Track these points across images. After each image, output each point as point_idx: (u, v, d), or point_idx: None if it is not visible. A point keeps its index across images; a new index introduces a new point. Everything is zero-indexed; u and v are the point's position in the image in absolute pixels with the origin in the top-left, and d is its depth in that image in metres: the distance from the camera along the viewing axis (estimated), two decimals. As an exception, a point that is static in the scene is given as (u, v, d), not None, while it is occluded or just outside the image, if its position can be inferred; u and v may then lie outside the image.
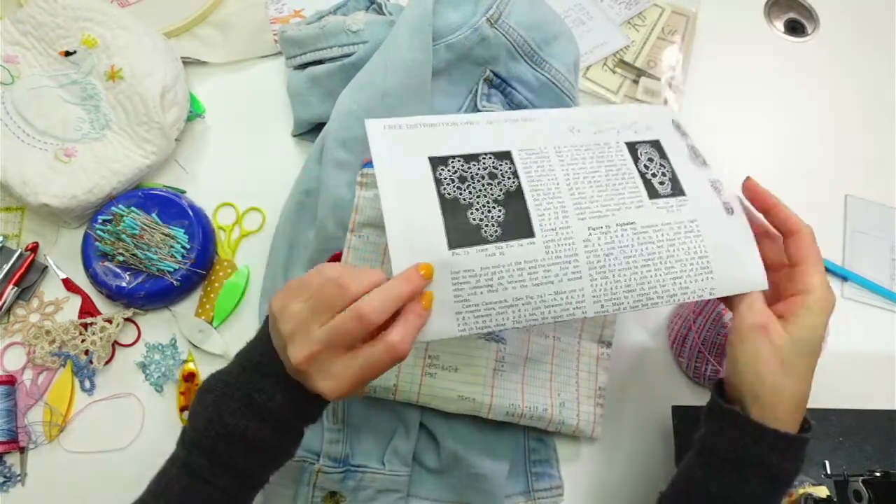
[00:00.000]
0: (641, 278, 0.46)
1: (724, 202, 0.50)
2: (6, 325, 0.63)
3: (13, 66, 0.67)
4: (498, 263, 0.44)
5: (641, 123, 0.51)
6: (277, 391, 0.43)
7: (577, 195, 0.47)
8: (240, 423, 0.42)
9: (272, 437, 0.43)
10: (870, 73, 0.89)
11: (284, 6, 0.80)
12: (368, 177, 0.59)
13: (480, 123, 0.50)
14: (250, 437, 0.43)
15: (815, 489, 0.57)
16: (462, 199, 0.46)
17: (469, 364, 0.58)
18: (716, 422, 0.46)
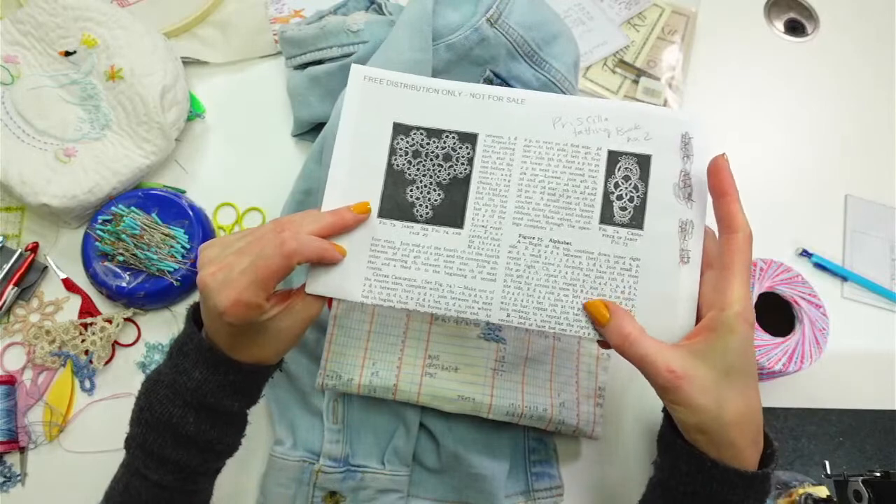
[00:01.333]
0: (556, 300, 0.44)
1: (684, 249, 0.45)
2: (6, 325, 0.63)
3: (13, 66, 0.67)
4: (419, 243, 0.45)
5: (642, 130, 0.46)
6: (196, 368, 0.42)
7: (524, 198, 0.45)
8: (165, 411, 0.41)
9: (196, 424, 0.42)
10: (870, 72, 0.89)
11: (284, 6, 0.80)
12: None
13: (462, 95, 0.47)
14: (174, 425, 0.41)
15: (814, 489, 0.57)
16: (408, 174, 0.47)
17: (469, 364, 0.58)
18: (670, 454, 0.43)
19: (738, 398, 0.39)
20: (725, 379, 0.39)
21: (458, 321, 0.58)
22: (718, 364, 0.39)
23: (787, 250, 0.77)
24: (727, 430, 0.39)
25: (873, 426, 0.64)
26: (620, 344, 0.41)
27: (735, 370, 0.39)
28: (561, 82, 0.67)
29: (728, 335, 0.39)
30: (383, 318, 0.58)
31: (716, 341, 0.39)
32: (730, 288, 0.40)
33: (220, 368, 0.42)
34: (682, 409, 0.39)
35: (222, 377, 0.42)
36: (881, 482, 0.52)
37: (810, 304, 0.62)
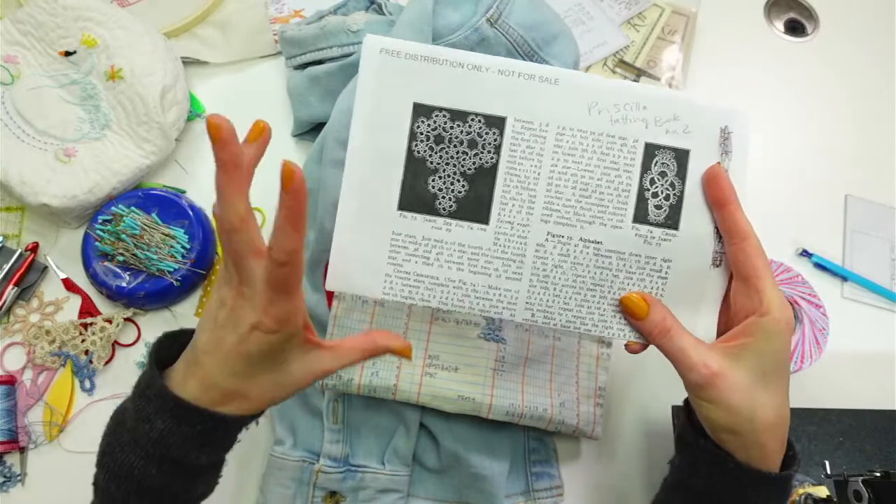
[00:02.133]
0: (582, 300, 0.43)
1: (717, 251, 0.44)
2: (6, 325, 0.63)
3: (13, 65, 0.67)
4: (441, 238, 0.43)
5: (681, 122, 0.42)
6: (158, 417, 0.37)
7: (554, 193, 0.43)
8: (126, 460, 0.37)
9: (160, 477, 0.37)
10: (870, 72, 0.89)
11: (284, 6, 0.80)
12: None
13: (490, 71, 0.43)
14: (136, 477, 0.37)
15: (814, 489, 0.57)
16: (430, 162, 0.43)
17: (469, 364, 0.58)
18: (691, 453, 0.43)
19: (772, 402, 0.39)
20: (762, 382, 0.39)
21: (458, 321, 0.58)
22: (756, 367, 0.39)
23: (787, 250, 0.77)
24: (759, 433, 0.39)
25: (873, 426, 0.64)
26: (660, 336, 0.41)
27: (771, 374, 0.39)
28: (561, 82, 0.67)
29: (767, 339, 0.39)
30: (383, 319, 0.58)
31: (754, 345, 0.39)
32: (764, 294, 0.40)
33: (186, 419, 0.37)
34: (714, 407, 0.39)
35: (189, 429, 0.37)
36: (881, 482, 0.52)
37: (810, 304, 0.62)
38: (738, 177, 0.44)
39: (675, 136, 0.43)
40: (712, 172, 0.43)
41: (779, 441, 0.40)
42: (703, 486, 0.41)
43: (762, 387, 0.39)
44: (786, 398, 0.40)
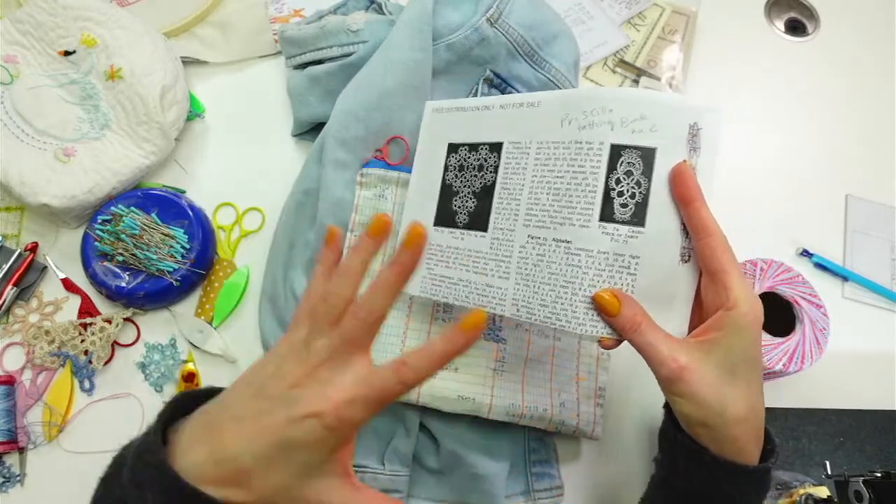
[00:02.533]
0: (557, 297, 0.44)
1: (685, 247, 0.44)
2: (5, 325, 0.63)
3: (12, 65, 0.67)
4: (458, 246, 0.51)
5: (648, 121, 0.43)
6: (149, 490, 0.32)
7: (533, 200, 0.47)
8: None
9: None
10: (871, 72, 0.89)
11: (284, 6, 0.79)
12: (368, 177, 0.59)
13: (494, 108, 0.51)
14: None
15: (815, 489, 0.56)
16: (454, 186, 0.53)
17: (469, 364, 0.58)
18: (671, 449, 0.43)
19: (743, 396, 0.39)
20: (731, 375, 0.39)
21: (457, 321, 0.58)
22: (725, 361, 0.39)
23: (787, 250, 0.77)
24: (730, 427, 0.39)
25: (874, 426, 0.64)
26: (631, 331, 0.41)
27: (741, 368, 0.39)
28: (561, 82, 0.67)
29: (736, 333, 0.39)
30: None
31: (723, 339, 0.39)
32: (731, 289, 0.40)
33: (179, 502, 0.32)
34: (685, 402, 0.39)
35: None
36: (882, 482, 0.52)
37: (811, 305, 0.62)
38: (707, 173, 0.45)
39: (642, 135, 0.44)
40: (677, 170, 0.42)
41: (752, 434, 0.40)
42: (683, 480, 0.42)
43: (731, 381, 0.39)
44: (757, 392, 0.40)
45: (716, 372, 0.39)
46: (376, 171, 0.59)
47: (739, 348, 0.39)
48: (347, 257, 0.37)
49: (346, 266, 0.36)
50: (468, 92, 0.65)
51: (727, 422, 0.39)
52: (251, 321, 0.65)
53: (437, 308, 0.59)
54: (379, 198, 0.59)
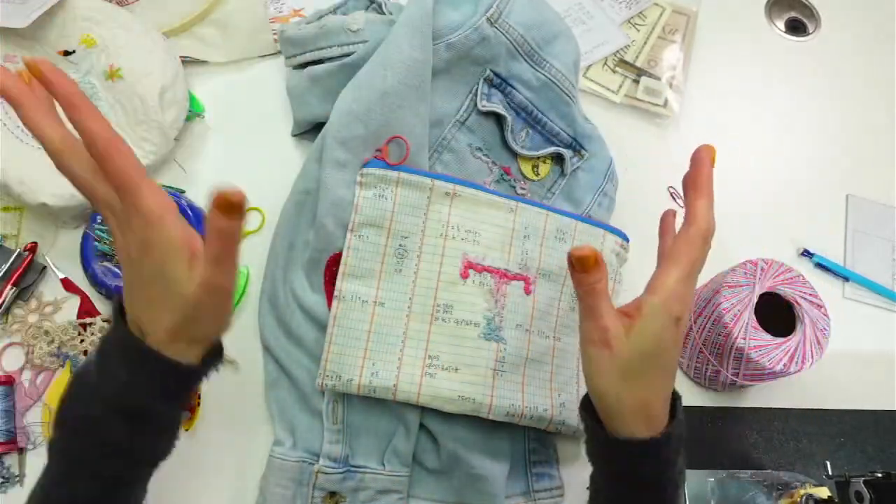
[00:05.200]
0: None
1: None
2: (4, 325, 0.63)
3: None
4: None
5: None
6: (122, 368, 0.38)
7: None
8: (88, 413, 0.38)
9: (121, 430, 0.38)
10: (871, 72, 0.89)
11: (284, 5, 0.79)
12: (368, 176, 0.59)
13: None
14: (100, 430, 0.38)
15: (816, 490, 0.56)
16: None
17: (469, 364, 0.58)
18: (585, 433, 0.46)
19: (645, 376, 0.41)
20: (637, 358, 0.40)
21: (457, 321, 0.58)
22: (635, 344, 0.40)
23: (787, 250, 0.77)
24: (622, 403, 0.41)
25: (875, 427, 0.64)
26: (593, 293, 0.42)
27: (647, 353, 0.40)
28: (561, 82, 0.67)
29: (647, 320, 0.40)
30: (383, 319, 0.58)
31: (637, 322, 0.41)
32: (663, 275, 0.41)
33: (146, 367, 0.38)
34: (594, 366, 0.42)
35: (149, 377, 0.38)
36: (883, 483, 0.52)
37: (811, 305, 0.62)
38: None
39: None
40: (700, 154, 0.43)
41: (643, 415, 0.41)
42: (591, 458, 0.45)
43: (635, 368, 0.40)
44: (660, 380, 0.41)
45: (627, 353, 0.40)
46: (376, 171, 0.59)
47: (652, 337, 0.40)
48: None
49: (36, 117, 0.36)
50: (469, 91, 0.65)
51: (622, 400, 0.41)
52: (251, 321, 0.65)
53: (436, 308, 0.59)
54: (379, 197, 0.59)
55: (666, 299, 0.40)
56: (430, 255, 0.59)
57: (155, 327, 0.38)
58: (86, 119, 0.35)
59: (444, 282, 0.59)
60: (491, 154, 0.67)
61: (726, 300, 0.61)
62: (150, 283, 0.37)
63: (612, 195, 0.70)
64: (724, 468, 0.61)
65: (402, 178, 0.59)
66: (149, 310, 0.38)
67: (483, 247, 0.61)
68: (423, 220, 0.60)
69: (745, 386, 0.67)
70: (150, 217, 0.36)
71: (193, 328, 0.39)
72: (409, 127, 0.60)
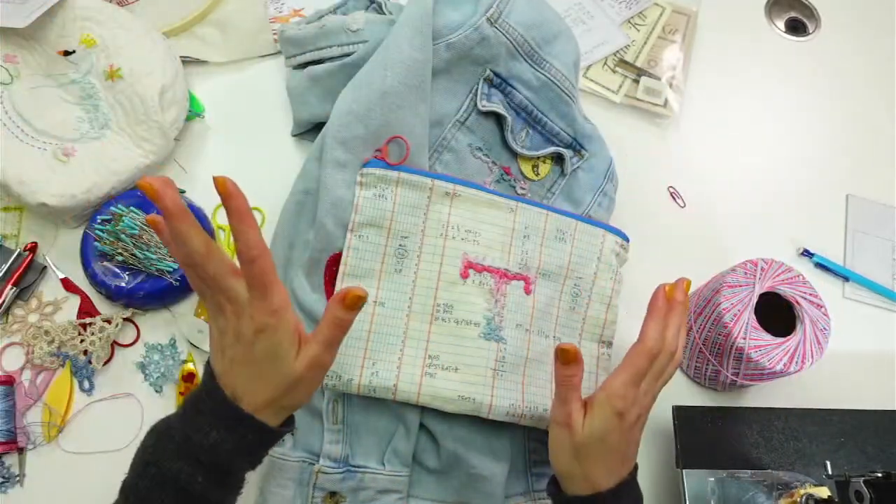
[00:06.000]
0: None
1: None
2: (5, 325, 0.63)
3: (12, 65, 0.67)
4: None
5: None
6: (213, 428, 0.41)
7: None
8: (174, 466, 0.41)
9: (203, 484, 0.41)
10: (871, 72, 0.89)
11: (284, 5, 0.79)
12: (368, 176, 0.59)
13: None
14: (181, 483, 0.40)
15: (816, 490, 0.56)
16: None
17: (469, 364, 0.58)
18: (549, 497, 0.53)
19: (593, 455, 0.48)
20: (588, 440, 0.48)
21: (458, 321, 0.58)
22: (587, 429, 0.48)
23: (788, 250, 0.77)
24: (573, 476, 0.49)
25: (875, 426, 0.64)
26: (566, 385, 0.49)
27: (595, 437, 0.48)
28: (561, 82, 0.67)
29: (595, 410, 0.49)
30: (383, 318, 0.58)
31: (590, 411, 0.49)
32: (613, 377, 0.49)
33: (238, 429, 0.42)
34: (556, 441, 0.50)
35: (239, 439, 0.42)
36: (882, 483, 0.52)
37: (811, 304, 0.62)
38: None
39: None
40: (657, 292, 0.52)
41: (589, 485, 0.49)
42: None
43: (586, 448, 0.48)
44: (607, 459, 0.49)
45: (582, 436, 0.48)
46: (376, 171, 0.59)
47: (600, 423, 0.48)
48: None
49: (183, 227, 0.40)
50: (469, 91, 0.65)
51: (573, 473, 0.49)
52: (251, 321, 0.65)
53: (437, 308, 0.59)
54: (379, 197, 0.59)
55: (609, 396, 0.48)
56: (429, 255, 0.59)
57: (254, 398, 0.42)
58: (249, 229, 0.40)
59: (444, 282, 0.59)
60: (491, 154, 0.67)
61: (726, 300, 0.61)
62: (261, 360, 0.42)
63: (612, 195, 0.70)
64: (724, 468, 0.61)
65: (402, 178, 0.59)
66: (252, 382, 0.42)
67: (483, 247, 0.60)
68: (423, 220, 0.60)
69: (745, 386, 0.67)
70: (278, 310, 0.41)
71: (288, 399, 0.43)
72: (409, 127, 0.60)
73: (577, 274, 0.64)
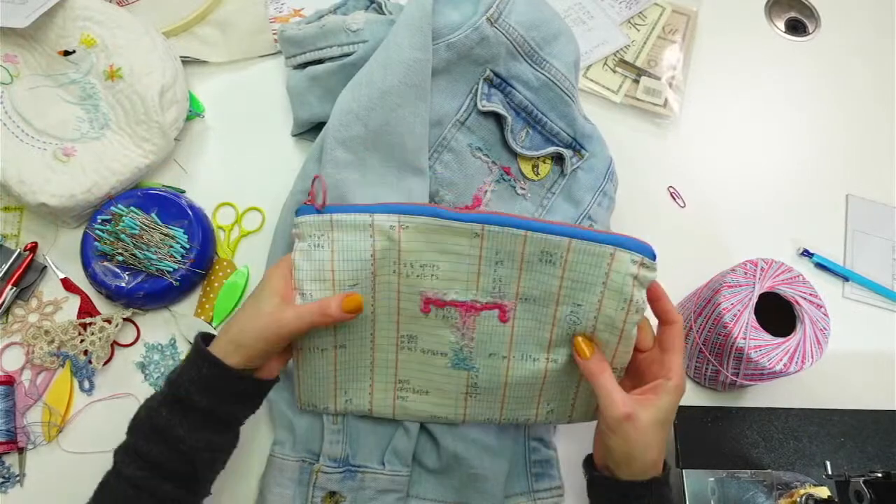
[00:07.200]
0: None
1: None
2: (5, 325, 0.63)
3: (12, 65, 0.67)
4: None
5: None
6: (181, 366, 0.49)
7: None
8: (146, 406, 0.48)
9: (168, 417, 0.47)
10: (871, 72, 0.89)
11: (284, 5, 0.79)
12: (302, 226, 0.52)
13: None
14: (150, 417, 0.47)
15: (816, 489, 0.56)
16: None
17: (439, 388, 0.57)
18: (598, 491, 0.54)
19: (657, 444, 0.51)
20: (658, 426, 0.50)
21: (423, 350, 0.56)
22: (654, 417, 0.50)
23: (787, 250, 0.77)
24: (645, 463, 0.51)
25: (875, 426, 0.64)
26: (598, 374, 0.52)
27: (665, 422, 0.51)
28: (561, 82, 0.67)
29: (668, 397, 0.50)
30: (347, 358, 0.56)
31: (658, 401, 0.50)
32: (674, 364, 0.52)
33: (196, 362, 0.48)
34: (619, 439, 0.50)
35: (196, 371, 0.47)
36: (882, 483, 0.52)
37: (811, 304, 0.62)
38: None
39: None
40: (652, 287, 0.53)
41: (652, 467, 0.51)
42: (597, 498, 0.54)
43: (653, 433, 0.50)
44: (663, 443, 0.52)
45: (647, 424, 0.50)
46: (308, 219, 0.52)
47: (668, 409, 0.51)
48: None
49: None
50: (468, 91, 0.65)
51: (644, 459, 0.50)
52: (251, 321, 0.65)
53: (401, 339, 0.56)
54: (316, 248, 0.52)
55: (680, 382, 0.51)
56: (384, 294, 0.54)
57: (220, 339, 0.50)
58: None
59: (404, 316, 0.55)
60: (491, 154, 0.67)
61: (726, 300, 0.61)
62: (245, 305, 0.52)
63: (611, 195, 0.70)
64: (724, 468, 0.61)
65: (336, 221, 0.52)
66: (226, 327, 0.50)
67: (444, 280, 0.53)
68: (370, 260, 0.53)
69: (745, 386, 0.67)
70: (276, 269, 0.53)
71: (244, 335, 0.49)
72: (409, 126, 0.60)
73: (573, 300, 0.52)
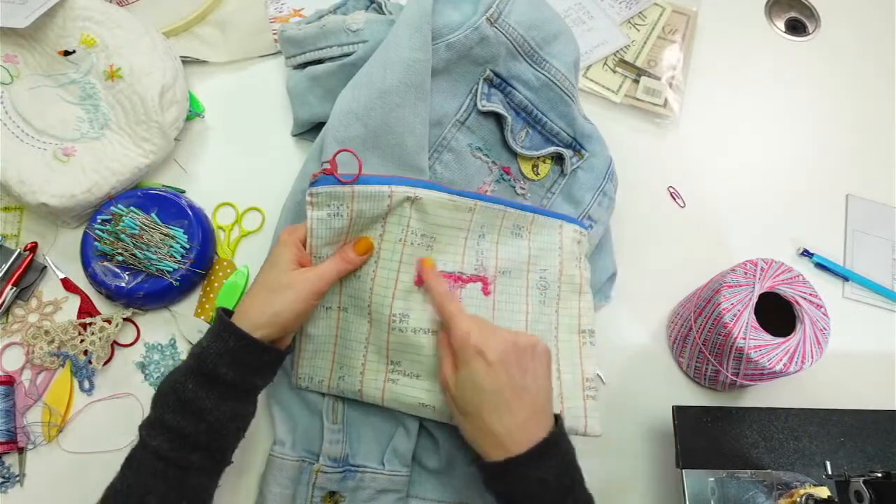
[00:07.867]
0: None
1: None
2: (5, 325, 0.63)
3: (12, 65, 0.67)
4: None
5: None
6: (205, 339, 0.49)
7: None
8: (171, 378, 0.48)
9: (194, 389, 0.47)
10: (871, 72, 0.89)
11: (284, 5, 0.79)
12: (319, 195, 0.54)
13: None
14: (176, 389, 0.47)
15: (816, 489, 0.56)
16: None
17: (430, 372, 0.57)
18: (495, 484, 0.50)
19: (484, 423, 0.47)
20: (463, 400, 0.49)
21: (415, 330, 0.56)
22: (459, 382, 0.49)
23: (787, 250, 0.77)
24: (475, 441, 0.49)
25: (875, 426, 0.64)
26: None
27: (469, 391, 0.48)
28: (561, 81, 0.67)
29: (459, 360, 0.49)
30: (347, 324, 0.58)
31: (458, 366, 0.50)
32: (450, 320, 0.51)
33: (222, 336, 0.48)
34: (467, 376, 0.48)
35: (223, 345, 0.48)
36: (882, 483, 0.52)
37: (811, 304, 0.62)
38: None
39: None
40: (420, 267, 0.56)
41: (503, 448, 0.46)
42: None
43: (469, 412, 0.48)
44: (490, 420, 0.47)
45: (458, 412, 0.49)
46: (327, 189, 0.54)
47: (464, 374, 0.48)
48: None
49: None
50: (468, 91, 0.65)
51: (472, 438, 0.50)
52: (251, 321, 0.65)
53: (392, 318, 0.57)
54: (334, 216, 0.54)
55: (458, 338, 0.49)
56: (387, 262, 0.57)
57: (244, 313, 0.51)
58: None
59: (399, 290, 0.57)
60: (491, 154, 0.67)
61: (726, 300, 0.61)
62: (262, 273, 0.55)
63: (611, 195, 0.70)
64: (724, 468, 0.60)
65: (358, 192, 0.54)
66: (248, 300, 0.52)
67: (437, 252, 0.58)
68: (381, 226, 0.57)
69: (745, 386, 0.67)
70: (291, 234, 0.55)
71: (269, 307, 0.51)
72: (409, 126, 0.60)
73: (539, 266, 0.62)
